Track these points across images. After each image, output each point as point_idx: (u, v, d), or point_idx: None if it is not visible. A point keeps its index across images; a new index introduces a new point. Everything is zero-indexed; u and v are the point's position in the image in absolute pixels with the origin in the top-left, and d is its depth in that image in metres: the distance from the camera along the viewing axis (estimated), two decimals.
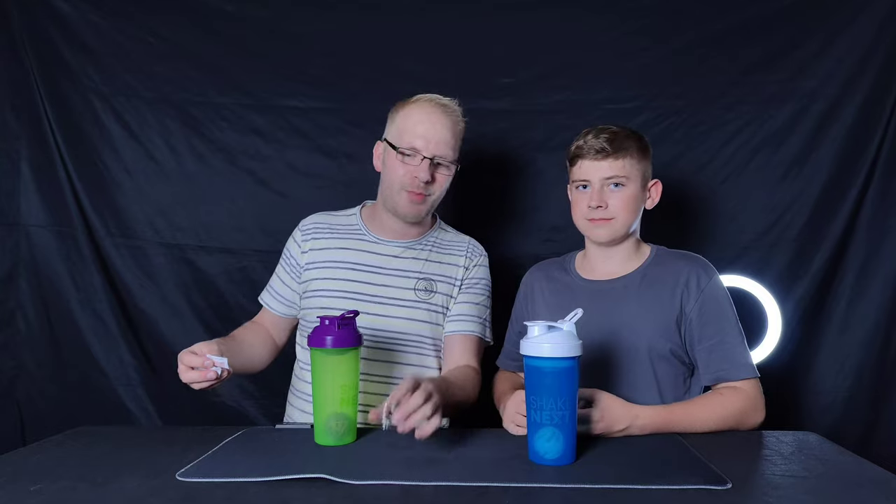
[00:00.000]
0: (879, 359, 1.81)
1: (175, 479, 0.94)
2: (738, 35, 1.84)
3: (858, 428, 1.81)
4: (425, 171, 1.39)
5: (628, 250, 1.39)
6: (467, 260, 1.51)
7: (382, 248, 1.49)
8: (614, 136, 1.32)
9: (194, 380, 1.20)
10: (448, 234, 1.57)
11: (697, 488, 0.89)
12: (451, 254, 1.52)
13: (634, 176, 1.33)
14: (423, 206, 1.44)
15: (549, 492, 0.90)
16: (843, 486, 0.93)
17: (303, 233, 1.53)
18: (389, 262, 1.47)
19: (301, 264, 1.51)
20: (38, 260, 1.90)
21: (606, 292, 1.36)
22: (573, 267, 1.45)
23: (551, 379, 0.99)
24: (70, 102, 1.90)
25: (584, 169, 1.34)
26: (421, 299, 1.45)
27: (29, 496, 0.89)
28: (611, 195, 1.32)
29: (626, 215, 1.33)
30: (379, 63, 1.89)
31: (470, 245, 1.55)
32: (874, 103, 1.80)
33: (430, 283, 1.47)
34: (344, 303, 1.42)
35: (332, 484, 0.91)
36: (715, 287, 1.32)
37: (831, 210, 1.82)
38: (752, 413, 1.24)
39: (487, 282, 1.54)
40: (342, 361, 1.12)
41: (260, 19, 1.91)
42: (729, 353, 1.28)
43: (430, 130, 1.41)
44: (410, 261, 1.48)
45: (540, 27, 1.88)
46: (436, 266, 1.49)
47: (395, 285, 1.45)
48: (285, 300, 1.54)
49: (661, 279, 1.34)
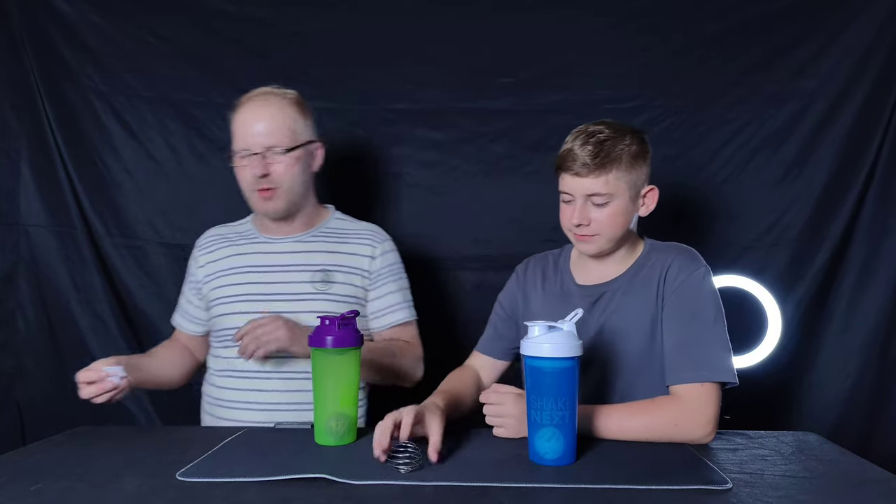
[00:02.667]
0: (880, 359, 1.81)
1: (175, 479, 0.93)
2: (738, 35, 1.84)
3: (858, 428, 1.80)
4: (256, 167, 1.40)
5: (623, 252, 1.31)
6: (373, 249, 1.51)
7: (274, 247, 1.50)
8: (600, 148, 1.19)
9: (92, 394, 1.24)
10: (345, 223, 1.56)
11: (697, 488, 0.89)
12: (352, 242, 1.51)
13: (621, 190, 1.22)
14: (279, 201, 1.44)
15: (549, 492, 0.90)
16: (843, 486, 0.93)
17: (199, 248, 1.57)
18: (284, 259, 1.48)
19: (200, 279, 1.53)
20: (38, 260, 1.90)
21: (598, 297, 1.29)
22: (569, 266, 1.37)
23: (551, 379, 0.99)
24: (70, 102, 1.90)
25: (566, 182, 1.24)
26: (319, 290, 1.44)
27: (29, 496, 0.89)
28: (594, 210, 1.22)
29: (612, 230, 1.24)
30: (379, 63, 1.89)
31: (372, 232, 1.54)
32: (874, 103, 1.80)
33: (326, 273, 1.46)
34: (243, 306, 1.44)
35: (332, 484, 0.91)
36: (695, 280, 1.22)
37: (832, 210, 1.82)
38: (689, 427, 1.10)
39: (399, 263, 1.55)
40: (342, 361, 1.12)
41: (260, 19, 1.91)
42: (692, 353, 1.16)
43: (250, 126, 1.42)
44: (305, 254, 1.48)
45: (540, 27, 1.88)
46: (334, 256, 1.48)
47: (292, 280, 1.45)
48: (194, 318, 1.56)
49: (648, 276, 1.26)
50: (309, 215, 1.52)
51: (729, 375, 1.15)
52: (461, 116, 1.89)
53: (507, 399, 1.13)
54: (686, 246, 1.31)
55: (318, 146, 1.51)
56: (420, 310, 1.92)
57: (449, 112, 1.90)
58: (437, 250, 1.90)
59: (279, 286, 1.45)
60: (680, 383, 1.16)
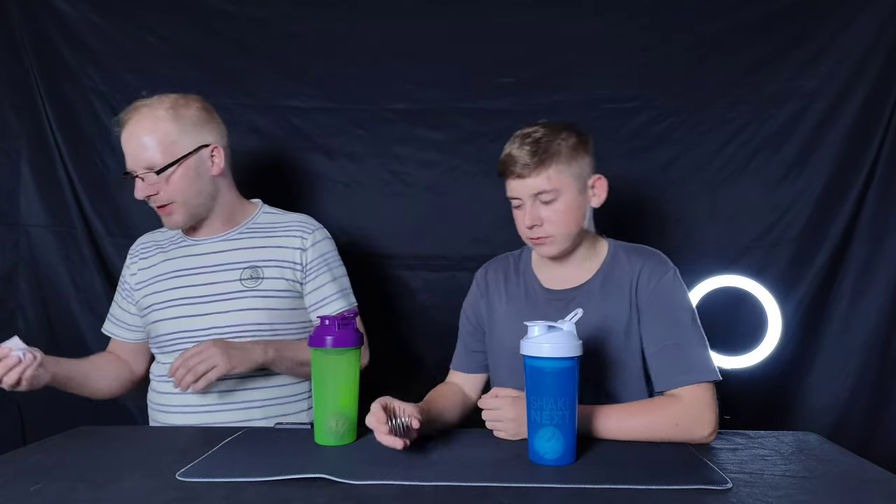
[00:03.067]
0: (880, 359, 1.80)
1: (175, 479, 0.93)
2: (738, 35, 1.84)
3: (858, 428, 1.80)
4: (138, 190, 1.38)
5: (583, 252, 1.30)
6: (303, 241, 1.48)
7: (201, 248, 1.48)
8: (537, 146, 1.20)
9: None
10: (274, 216, 1.54)
11: (697, 488, 0.89)
12: (281, 235, 1.48)
13: (566, 184, 1.21)
14: (177, 216, 1.42)
15: (549, 492, 0.90)
16: (843, 486, 0.93)
17: (131, 256, 1.56)
18: (211, 260, 1.46)
19: (132, 286, 1.52)
20: (38, 260, 1.90)
21: (567, 302, 1.26)
22: (530, 268, 1.35)
23: (551, 379, 0.99)
24: (70, 102, 1.90)
25: (512, 187, 1.24)
26: (248, 287, 1.43)
27: (29, 496, 0.89)
28: (543, 209, 1.22)
29: (566, 227, 1.23)
30: (379, 63, 1.89)
31: (302, 223, 1.51)
32: (874, 103, 1.80)
33: (255, 269, 1.44)
34: (175, 310, 1.44)
35: (332, 484, 0.91)
36: (667, 284, 1.23)
37: (832, 210, 1.82)
38: (693, 426, 1.11)
39: (333, 252, 1.53)
40: (342, 361, 1.12)
41: (260, 19, 1.91)
42: (680, 356, 1.17)
43: (126, 147, 1.39)
44: (232, 252, 1.46)
45: (540, 27, 1.88)
46: (263, 251, 1.46)
47: (220, 280, 1.44)
48: (129, 325, 1.54)
49: (618, 281, 1.25)
50: (229, 214, 1.49)
51: (716, 374, 1.17)
52: (461, 116, 1.89)
53: (505, 402, 1.13)
54: (651, 248, 1.31)
55: (212, 149, 1.44)
56: (420, 309, 1.93)
57: (449, 112, 1.90)
58: (437, 250, 1.90)
59: (207, 287, 1.44)
60: (675, 387, 1.16)
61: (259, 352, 1.35)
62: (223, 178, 1.48)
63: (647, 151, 1.86)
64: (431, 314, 1.91)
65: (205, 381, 1.27)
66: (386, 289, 1.92)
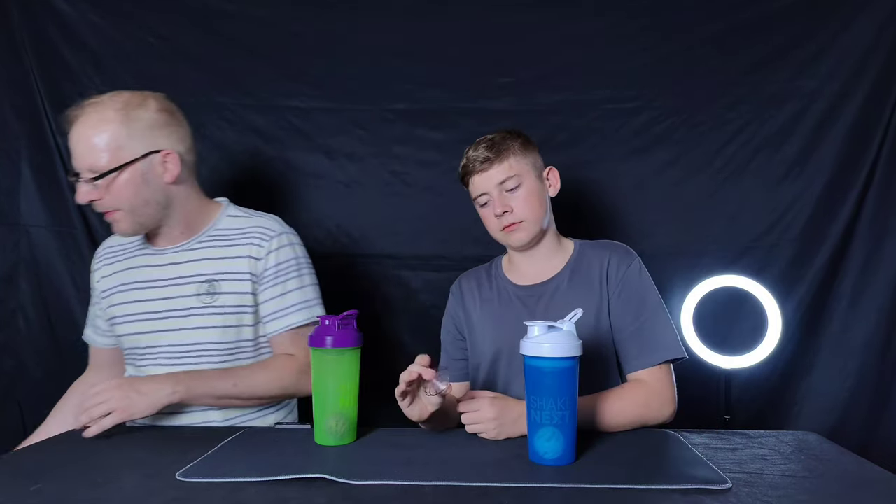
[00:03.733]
0: (880, 359, 1.81)
1: (175, 479, 0.93)
2: (738, 35, 1.84)
3: (858, 428, 1.80)
4: (81, 194, 1.29)
5: (550, 247, 1.37)
6: (259, 249, 1.37)
7: (161, 258, 1.40)
8: (492, 143, 1.32)
9: None
10: (236, 221, 1.42)
11: (697, 488, 0.89)
12: (238, 244, 1.38)
13: (526, 171, 1.32)
14: (123, 223, 1.33)
15: (549, 492, 0.90)
16: (843, 486, 0.93)
17: (96, 260, 1.49)
18: (170, 272, 1.38)
19: (99, 293, 1.46)
20: (39, 260, 1.90)
21: (538, 297, 1.33)
22: (502, 272, 1.41)
23: (551, 379, 0.99)
24: (70, 102, 1.88)
25: (476, 183, 1.33)
26: (206, 304, 1.35)
27: (29, 496, 0.89)
28: (511, 198, 1.31)
29: (534, 212, 1.31)
30: (379, 63, 1.90)
31: (261, 230, 1.39)
32: (874, 103, 1.80)
33: (212, 284, 1.35)
34: (136, 326, 1.38)
35: (332, 484, 0.91)
36: (634, 271, 1.31)
37: (832, 210, 1.82)
38: (658, 407, 1.20)
39: (296, 260, 1.40)
40: (342, 361, 1.12)
41: (260, 19, 1.91)
42: (646, 339, 1.26)
43: (72, 147, 1.29)
44: (191, 264, 1.37)
45: (540, 27, 1.88)
46: (220, 263, 1.37)
47: (179, 295, 1.36)
48: (103, 330, 1.48)
49: (587, 273, 1.32)
50: (188, 222, 1.39)
51: (679, 351, 1.26)
52: (461, 116, 1.89)
53: (482, 404, 1.13)
54: (616, 241, 1.38)
55: (164, 155, 1.32)
56: (420, 309, 1.92)
57: (449, 112, 1.90)
58: (437, 250, 1.90)
59: (167, 302, 1.36)
60: (640, 369, 1.25)
61: (165, 394, 1.22)
62: (180, 186, 1.36)
63: (647, 151, 1.87)
64: (431, 314, 1.91)
65: (98, 427, 1.16)
66: (386, 289, 1.92)
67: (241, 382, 1.30)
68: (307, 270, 1.43)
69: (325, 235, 1.92)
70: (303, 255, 1.43)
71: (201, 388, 1.27)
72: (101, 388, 1.19)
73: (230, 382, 1.29)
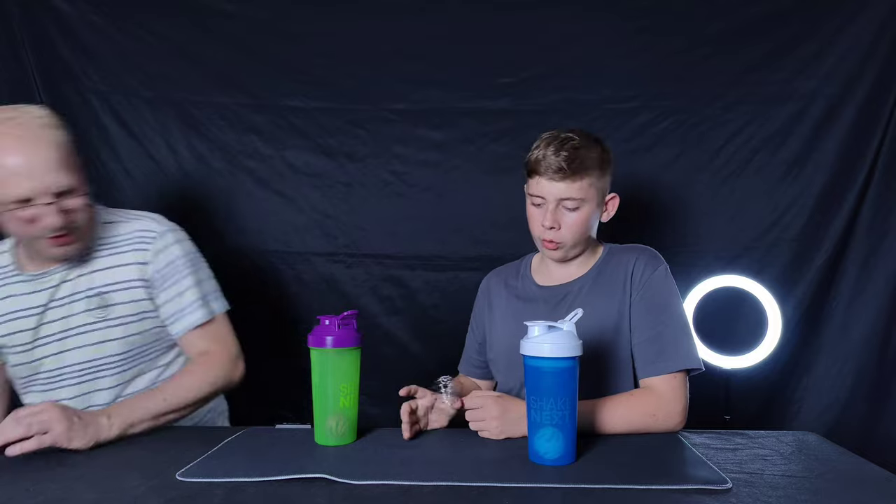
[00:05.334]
0: (879, 359, 1.81)
1: (175, 479, 0.93)
2: (738, 35, 1.84)
3: (858, 428, 1.81)
4: (53, 217, 1.19)
5: (583, 256, 1.34)
6: (143, 253, 1.32)
7: (43, 283, 1.31)
8: (574, 155, 1.22)
9: None
10: (114, 228, 1.35)
11: (697, 488, 0.89)
12: (122, 251, 1.32)
13: (591, 196, 1.25)
14: (77, 244, 1.26)
15: (549, 492, 0.90)
16: (843, 486, 0.93)
17: None
18: (55, 294, 1.30)
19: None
20: None
21: (562, 297, 1.31)
22: (529, 272, 1.40)
23: (551, 379, 0.99)
24: (70, 102, 1.90)
25: (540, 186, 1.25)
26: (100, 318, 1.29)
27: (29, 496, 0.89)
28: (565, 215, 1.25)
29: (579, 237, 1.27)
30: (379, 63, 1.90)
31: (141, 233, 1.34)
32: (874, 103, 1.80)
33: (102, 297, 1.29)
34: (25, 356, 1.32)
35: (332, 484, 0.91)
36: (659, 276, 1.27)
37: (831, 210, 1.83)
38: (664, 417, 1.17)
39: (185, 257, 1.35)
40: (342, 361, 1.12)
41: (260, 19, 1.91)
42: (663, 346, 1.22)
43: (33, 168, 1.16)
44: (76, 280, 1.30)
45: (540, 27, 1.88)
46: (108, 273, 1.31)
47: (69, 314, 1.30)
48: None
49: (612, 275, 1.30)
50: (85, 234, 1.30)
51: (696, 362, 1.22)
52: (461, 116, 1.90)
53: (487, 402, 1.14)
54: (645, 245, 1.34)
55: None
56: (420, 309, 1.93)
57: (449, 112, 1.90)
58: (437, 250, 1.90)
59: (59, 324, 1.29)
60: (653, 375, 1.21)
61: (104, 428, 1.15)
62: None
63: (647, 151, 1.87)
64: (431, 314, 1.91)
65: (36, 442, 1.06)
66: (386, 289, 1.92)
67: (170, 396, 1.26)
68: (200, 264, 1.39)
69: (325, 235, 1.92)
70: (192, 250, 1.39)
71: (135, 414, 1.20)
72: (43, 408, 1.10)
73: (160, 398, 1.25)
